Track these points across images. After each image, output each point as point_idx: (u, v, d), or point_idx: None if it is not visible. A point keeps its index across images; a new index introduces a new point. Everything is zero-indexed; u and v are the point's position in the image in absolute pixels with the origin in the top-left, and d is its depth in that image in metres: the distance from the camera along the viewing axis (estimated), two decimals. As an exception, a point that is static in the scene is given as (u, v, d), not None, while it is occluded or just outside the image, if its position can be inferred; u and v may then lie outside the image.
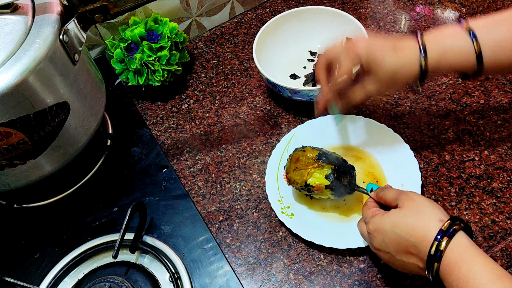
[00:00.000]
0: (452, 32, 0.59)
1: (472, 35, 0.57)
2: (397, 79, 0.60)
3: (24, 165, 0.65)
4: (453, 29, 0.59)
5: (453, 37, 0.58)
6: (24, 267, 0.72)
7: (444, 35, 0.59)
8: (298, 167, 0.67)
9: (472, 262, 0.48)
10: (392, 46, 0.60)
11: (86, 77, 0.69)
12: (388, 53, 0.60)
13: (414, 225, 0.52)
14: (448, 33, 0.59)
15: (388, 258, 0.56)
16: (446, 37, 0.59)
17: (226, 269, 0.67)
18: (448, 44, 0.58)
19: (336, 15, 0.87)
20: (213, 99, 0.89)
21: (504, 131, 0.76)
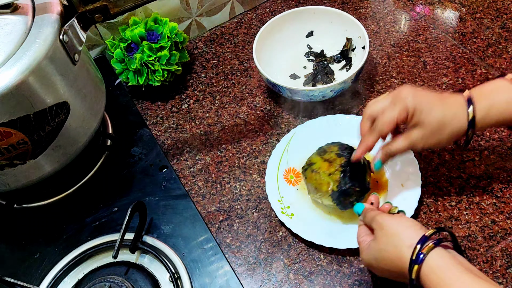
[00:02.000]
0: (498, 85, 0.59)
1: None
2: (444, 130, 0.58)
3: (24, 165, 0.65)
4: (498, 83, 0.59)
5: (499, 90, 0.58)
6: (24, 267, 0.72)
7: (491, 89, 0.59)
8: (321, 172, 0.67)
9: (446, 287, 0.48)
10: (439, 97, 0.60)
11: (86, 77, 0.69)
12: (435, 103, 0.59)
13: (391, 258, 0.53)
14: (494, 87, 0.59)
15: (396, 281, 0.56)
16: (493, 90, 0.59)
17: (226, 269, 0.67)
18: (496, 96, 0.58)
19: (336, 15, 0.87)
20: (213, 99, 0.89)
21: (504, 131, 0.76)
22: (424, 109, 0.58)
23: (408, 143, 0.61)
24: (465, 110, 0.58)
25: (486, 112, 0.58)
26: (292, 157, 0.76)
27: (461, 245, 0.65)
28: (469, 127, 0.58)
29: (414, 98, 0.59)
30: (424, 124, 0.59)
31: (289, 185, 0.74)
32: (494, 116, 0.58)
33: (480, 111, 0.58)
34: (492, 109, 0.58)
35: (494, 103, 0.58)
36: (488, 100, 0.58)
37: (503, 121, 0.59)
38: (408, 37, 0.91)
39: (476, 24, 0.91)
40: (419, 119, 0.59)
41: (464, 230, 0.67)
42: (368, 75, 0.87)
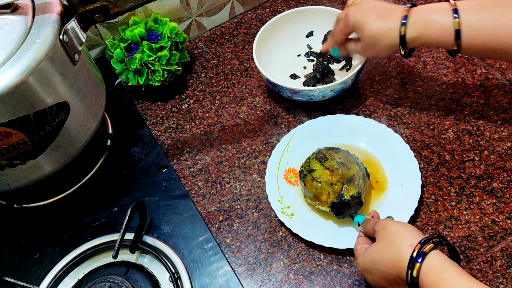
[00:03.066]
0: (439, 8, 0.62)
1: (455, 11, 0.60)
2: (377, 44, 0.66)
3: (24, 165, 0.65)
4: (440, 5, 0.62)
5: (438, 12, 0.62)
6: (24, 267, 0.72)
7: (430, 10, 0.63)
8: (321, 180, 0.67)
9: (446, 285, 0.48)
10: (379, 13, 0.66)
11: (86, 77, 0.69)
12: (373, 20, 0.66)
13: (389, 257, 0.53)
14: (434, 8, 0.63)
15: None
16: (431, 11, 0.63)
17: (226, 269, 0.67)
18: (432, 18, 0.62)
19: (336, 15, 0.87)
20: (213, 99, 0.89)
21: (504, 131, 0.76)
22: (360, 26, 0.67)
23: (354, 50, 0.73)
24: (399, 27, 0.63)
25: (418, 34, 0.63)
26: (292, 157, 0.76)
27: (461, 245, 0.65)
28: (400, 44, 0.64)
29: (355, 16, 0.68)
30: (361, 39, 0.69)
31: (289, 185, 0.74)
32: (425, 38, 0.63)
33: (411, 31, 0.63)
34: (424, 31, 0.62)
35: (427, 25, 0.62)
36: (423, 21, 0.62)
37: (432, 44, 0.64)
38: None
39: (476, 24, 0.91)
40: (358, 34, 0.69)
41: (464, 230, 0.67)
42: (368, 75, 0.87)
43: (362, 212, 0.67)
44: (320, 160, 0.68)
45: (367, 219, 0.62)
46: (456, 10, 0.60)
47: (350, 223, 0.68)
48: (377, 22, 0.65)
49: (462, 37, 0.60)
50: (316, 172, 0.67)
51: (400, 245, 0.52)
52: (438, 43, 0.63)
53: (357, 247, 0.60)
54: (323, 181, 0.66)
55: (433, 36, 0.62)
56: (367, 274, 0.57)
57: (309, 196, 0.69)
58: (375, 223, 0.58)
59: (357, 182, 0.66)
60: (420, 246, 0.51)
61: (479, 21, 0.60)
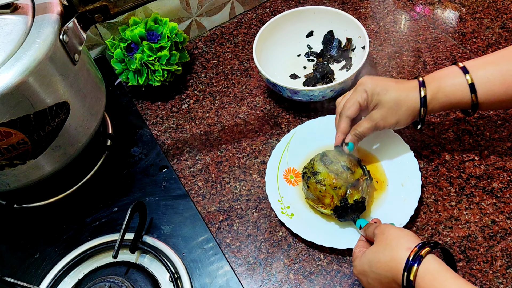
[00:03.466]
0: (449, 71, 0.65)
1: (464, 69, 0.64)
2: (400, 108, 0.65)
3: (24, 165, 0.65)
4: (449, 69, 0.66)
5: (448, 74, 0.65)
6: (24, 267, 0.72)
7: (441, 74, 0.66)
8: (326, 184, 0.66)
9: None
10: (395, 81, 0.67)
11: (86, 77, 0.69)
12: (391, 86, 0.66)
13: (386, 260, 0.53)
14: (444, 72, 0.66)
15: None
16: (443, 75, 0.65)
17: (226, 269, 0.67)
18: (444, 80, 0.65)
19: (336, 15, 0.87)
20: (213, 99, 0.89)
21: (504, 131, 0.76)
22: (381, 91, 0.66)
23: (371, 123, 0.67)
24: (418, 91, 0.65)
25: (435, 93, 0.64)
26: (292, 157, 0.76)
27: (461, 245, 0.65)
28: (421, 105, 0.65)
29: (372, 82, 0.67)
30: (382, 104, 0.66)
31: (289, 185, 0.74)
32: (442, 97, 0.64)
33: (430, 92, 0.64)
34: (440, 91, 0.64)
35: (441, 86, 0.64)
36: (437, 83, 0.65)
37: (450, 103, 0.65)
38: (408, 37, 0.91)
39: (476, 24, 0.91)
40: (377, 100, 0.66)
41: (464, 230, 0.67)
42: (368, 75, 0.86)
43: (363, 215, 0.67)
44: (325, 162, 0.68)
45: (369, 224, 0.62)
46: (464, 67, 0.63)
47: (351, 223, 0.68)
48: (397, 87, 0.66)
49: (477, 90, 0.62)
50: (320, 175, 0.67)
51: (398, 249, 0.53)
52: (455, 100, 0.64)
53: (355, 250, 0.60)
54: (327, 184, 0.66)
55: (449, 93, 0.64)
56: (363, 277, 0.57)
57: (311, 198, 0.69)
58: (375, 227, 0.59)
59: (361, 187, 0.66)
60: (417, 249, 0.51)
61: (488, 74, 0.62)
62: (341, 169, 0.67)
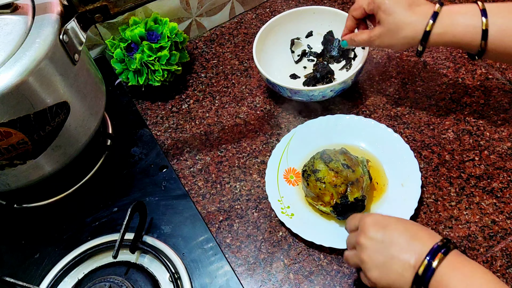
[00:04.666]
0: (467, 9, 0.62)
1: (483, 12, 0.60)
2: (399, 33, 0.63)
3: (24, 165, 0.65)
4: (469, 7, 0.62)
5: (466, 12, 0.61)
6: (24, 267, 0.72)
7: (459, 9, 0.62)
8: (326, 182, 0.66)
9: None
10: (409, 3, 0.63)
11: (86, 77, 0.69)
12: (400, 6, 0.63)
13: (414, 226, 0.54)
14: (463, 9, 0.62)
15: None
16: (461, 11, 0.62)
17: (226, 269, 0.67)
18: (460, 18, 0.61)
19: (336, 15, 0.87)
20: (213, 99, 0.89)
21: (504, 131, 0.76)
22: (387, 9, 0.63)
23: (367, 37, 0.68)
24: (426, 20, 0.62)
25: (443, 30, 0.61)
26: (292, 157, 0.76)
27: (461, 245, 0.65)
28: (423, 38, 0.62)
29: None
30: (383, 23, 0.64)
31: (289, 185, 0.74)
32: (450, 36, 0.62)
33: (438, 27, 0.61)
34: (449, 30, 0.61)
35: (453, 24, 0.61)
36: (450, 19, 0.61)
37: (457, 43, 0.62)
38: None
39: (476, 24, 0.91)
40: (381, 17, 0.64)
41: (464, 230, 0.67)
42: (368, 75, 0.87)
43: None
44: (325, 160, 0.68)
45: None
46: (484, 10, 0.60)
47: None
48: (406, 11, 0.63)
49: (489, 37, 0.59)
50: (320, 173, 0.67)
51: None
52: (463, 42, 0.61)
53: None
54: (327, 182, 0.66)
55: (459, 34, 0.61)
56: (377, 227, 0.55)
57: (310, 196, 0.69)
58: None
59: (362, 185, 0.66)
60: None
61: (506, 23, 0.59)
62: (341, 167, 0.67)
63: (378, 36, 0.66)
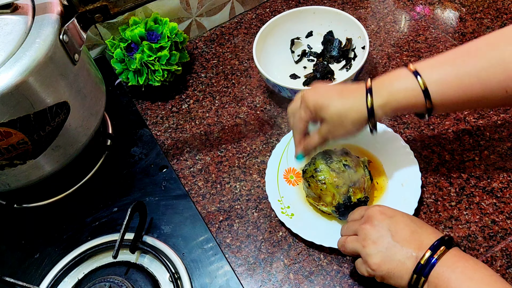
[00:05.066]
0: (398, 74, 0.60)
1: (416, 73, 0.58)
2: (345, 121, 0.62)
3: (24, 165, 0.65)
4: (398, 72, 0.61)
5: (399, 78, 0.60)
6: (24, 267, 0.72)
7: (391, 78, 0.61)
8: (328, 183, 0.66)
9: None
10: (339, 91, 0.63)
11: (86, 77, 0.69)
12: (334, 98, 0.62)
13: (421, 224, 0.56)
14: (395, 76, 0.61)
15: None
16: (393, 79, 0.61)
17: (226, 269, 0.67)
18: (395, 85, 0.60)
19: (336, 15, 0.87)
20: (213, 99, 0.89)
21: (504, 131, 0.76)
22: (323, 106, 0.62)
23: (320, 138, 0.66)
24: (364, 100, 0.60)
25: (386, 101, 0.59)
26: (292, 157, 0.76)
27: (461, 245, 0.65)
28: (369, 115, 0.60)
29: (313, 98, 0.63)
30: (326, 120, 0.63)
31: (289, 185, 0.74)
32: (394, 103, 0.59)
33: (379, 100, 0.59)
34: (391, 97, 0.59)
35: (393, 92, 0.59)
36: (387, 89, 0.60)
37: (403, 109, 0.60)
38: (408, 37, 0.91)
39: (476, 24, 0.91)
40: (321, 116, 0.63)
41: (464, 230, 0.67)
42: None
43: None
44: (326, 161, 0.68)
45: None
46: (416, 71, 0.58)
47: (350, 223, 0.68)
48: (341, 99, 0.62)
49: (432, 94, 0.57)
50: (321, 173, 0.67)
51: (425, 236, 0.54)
52: (409, 105, 0.59)
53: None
54: (328, 183, 0.66)
55: (402, 100, 0.59)
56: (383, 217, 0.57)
57: (311, 196, 0.69)
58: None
59: (363, 186, 0.66)
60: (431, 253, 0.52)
61: (443, 76, 0.58)
62: (343, 168, 0.67)
63: (328, 132, 0.64)
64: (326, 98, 0.63)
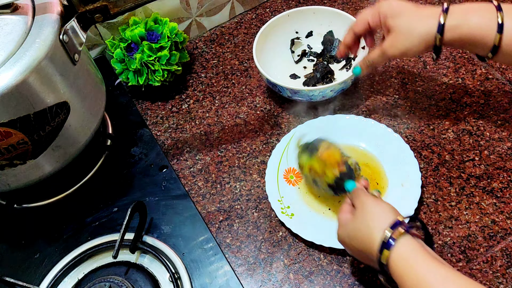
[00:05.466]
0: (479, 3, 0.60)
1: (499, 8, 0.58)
2: (412, 33, 0.60)
3: (24, 165, 0.65)
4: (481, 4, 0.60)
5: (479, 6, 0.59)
6: (24, 267, 0.72)
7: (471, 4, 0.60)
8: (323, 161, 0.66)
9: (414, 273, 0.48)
10: (415, 5, 0.62)
11: (86, 77, 0.69)
12: (408, 9, 0.61)
13: (363, 238, 0.54)
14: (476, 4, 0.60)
15: (364, 262, 0.58)
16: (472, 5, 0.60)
17: (226, 269, 0.67)
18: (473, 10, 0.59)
19: (336, 15, 0.87)
20: (213, 99, 0.89)
21: (504, 131, 0.76)
22: (394, 14, 0.61)
23: (380, 51, 0.64)
24: (438, 16, 0.59)
25: (458, 22, 0.58)
26: (292, 157, 0.76)
27: (461, 245, 0.65)
28: (438, 32, 0.59)
29: (388, 5, 0.62)
30: (393, 28, 0.61)
31: (289, 185, 0.74)
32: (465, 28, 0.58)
33: (452, 20, 0.58)
34: (464, 21, 0.58)
35: (468, 17, 0.59)
36: (464, 13, 0.59)
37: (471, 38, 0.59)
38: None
39: (476, 24, 0.91)
40: (390, 24, 0.61)
41: (464, 230, 0.67)
42: (368, 75, 0.87)
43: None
44: (312, 150, 0.67)
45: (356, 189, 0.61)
46: (499, 6, 0.58)
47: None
48: (415, 11, 0.61)
49: (505, 32, 0.56)
50: (320, 149, 0.67)
51: (373, 227, 0.53)
52: (478, 36, 0.58)
53: (340, 216, 0.59)
54: (330, 153, 0.66)
55: (474, 26, 0.58)
56: (345, 246, 0.58)
57: (314, 169, 0.67)
58: (357, 196, 0.58)
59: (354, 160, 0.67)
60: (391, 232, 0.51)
61: None
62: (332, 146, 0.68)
63: (391, 45, 0.62)
64: (401, 8, 0.61)
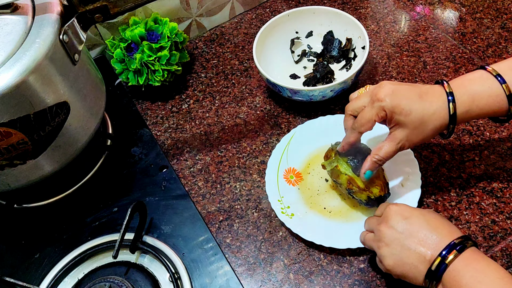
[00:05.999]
0: (479, 77, 0.58)
1: (499, 77, 0.57)
2: (426, 127, 0.58)
3: (24, 165, 0.65)
4: (478, 75, 0.58)
5: (481, 82, 0.57)
6: (24, 267, 0.72)
7: (471, 81, 0.58)
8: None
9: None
10: (419, 93, 0.59)
11: (86, 77, 0.69)
12: (414, 101, 0.58)
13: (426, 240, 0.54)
14: (475, 79, 0.58)
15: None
16: (473, 82, 0.58)
17: (226, 269, 0.67)
18: (477, 89, 0.57)
19: (336, 15, 0.87)
20: (213, 99, 0.89)
21: (504, 131, 0.76)
22: (403, 110, 0.58)
23: (395, 146, 0.60)
24: (446, 105, 0.57)
25: (468, 108, 0.57)
26: (292, 157, 0.76)
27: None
28: (450, 122, 0.58)
29: (392, 98, 0.58)
30: (406, 125, 0.58)
31: (289, 185, 0.74)
32: (476, 110, 0.58)
33: (461, 107, 0.57)
34: (473, 104, 0.57)
35: (475, 98, 0.57)
36: (469, 94, 0.57)
37: (483, 115, 0.59)
38: (408, 37, 0.91)
39: (476, 24, 0.91)
40: (399, 120, 0.58)
41: (464, 230, 0.67)
42: (368, 75, 0.87)
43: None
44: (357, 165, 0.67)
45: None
46: (499, 75, 0.57)
47: (350, 223, 0.68)
48: (422, 103, 0.58)
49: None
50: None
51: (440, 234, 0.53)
52: (491, 111, 0.58)
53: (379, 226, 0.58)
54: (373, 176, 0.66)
55: (485, 107, 0.57)
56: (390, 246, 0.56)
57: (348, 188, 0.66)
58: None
59: None
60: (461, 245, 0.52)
61: None
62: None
63: (406, 139, 0.59)
64: (407, 101, 0.58)
